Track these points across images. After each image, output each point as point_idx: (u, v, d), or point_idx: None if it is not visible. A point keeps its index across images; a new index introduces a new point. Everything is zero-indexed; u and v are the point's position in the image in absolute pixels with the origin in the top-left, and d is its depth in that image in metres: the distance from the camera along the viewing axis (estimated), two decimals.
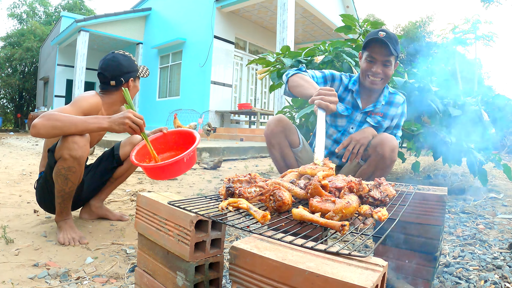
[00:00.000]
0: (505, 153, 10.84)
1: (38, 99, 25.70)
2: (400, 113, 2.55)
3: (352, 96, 2.48)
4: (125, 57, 2.35)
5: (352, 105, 2.49)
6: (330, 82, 2.49)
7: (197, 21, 14.01)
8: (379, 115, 2.49)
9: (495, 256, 2.02)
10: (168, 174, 2.00)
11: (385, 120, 2.50)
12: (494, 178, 5.02)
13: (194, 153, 2.09)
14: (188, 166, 2.05)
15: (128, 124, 1.92)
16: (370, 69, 2.31)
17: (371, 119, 2.48)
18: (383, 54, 2.25)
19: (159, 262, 1.26)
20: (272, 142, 2.40)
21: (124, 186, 3.80)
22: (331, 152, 2.60)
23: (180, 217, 1.12)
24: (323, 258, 0.75)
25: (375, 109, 2.48)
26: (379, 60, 2.28)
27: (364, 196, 1.10)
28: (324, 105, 1.71)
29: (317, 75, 2.44)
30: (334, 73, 2.52)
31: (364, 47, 2.33)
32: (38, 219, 2.51)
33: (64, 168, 1.96)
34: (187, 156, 1.95)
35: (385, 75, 2.32)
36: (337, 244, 1.18)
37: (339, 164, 2.59)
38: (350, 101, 2.49)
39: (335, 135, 2.57)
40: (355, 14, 16.91)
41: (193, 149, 2.01)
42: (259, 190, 1.07)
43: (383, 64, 2.29)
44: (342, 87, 2.51)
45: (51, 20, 30.76)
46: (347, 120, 2.51)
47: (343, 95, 2.51)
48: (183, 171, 2.05)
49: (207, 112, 13.11)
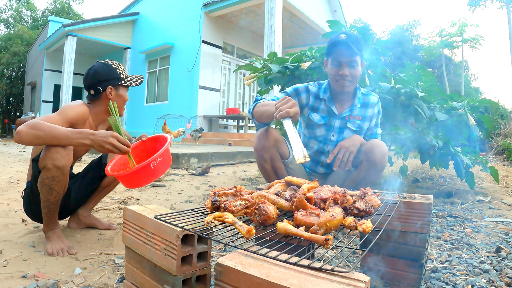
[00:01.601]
0: (492, 155, 10.98)
1: (25, 104, 25.44)
2: (377, 112, 2.59)
3: (326, 104, 2.48)
4: (103, 65, 2.31)
5: (327, 113, 2.49)
6: (295, 98, 2.49)
7: (185, 25, 13.99)
8: (357, 118, 2.50)
9: (482, 260, 2.04)
10: (143, 180, 1.97)
11: (365, 122, 2.53)
12: (481, 180, 5.08)
13: (167, 155, 2.06)
14: (162, 170, 2.03)
15: (109, 149, 1.90)
16: (338, 73, 2.32)
17: (351, 124, 2.49)
18: (347, 55, 2.27)
19: (146, 275, 1.26)
20: (264, 157, 2.37)
21: (113, 194, 3.78)
22: (316, 161, 2.61)
23: (167, 232, 1.12)
24: (306, 274, 0.76)
25: (352, 113, 2.48)
26: (344, 62, 2.29)
27: (348, 207, 1.10)
28: (284, 114, 1.78)
29: (279, 97, 2.37)
30: (297, 87, 2.52)
31: (328, 53, 2.36)
32: (26, 228, 2.49)
33: (48, 178, 1.94)
34: (154, 161, 1.93)
35: (353, 76, 2.33)
36: (328, 253, 1.19)
37: (325, 172, 2.61)
38: (325, 109, 2.49)
39: (316, 146, 2.57)
40: (342, 18, 17.02)
41: (161, 153, 1.98)
42: (245, 204, 1.07)
43: (349, 66, 2.30)
44: (312, 97, 2.51)
45: (38, 25, 30.53)
46: (325, 128, 2.51)
47: (316, 104, 2.51)
48: (157, 176, 2.01)
49: (195, 117, 13.08)
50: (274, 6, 10.60)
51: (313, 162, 2.62)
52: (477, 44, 27.80)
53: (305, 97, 2.51)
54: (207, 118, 13.64)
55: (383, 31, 35.05)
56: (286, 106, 1.82)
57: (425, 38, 31.83)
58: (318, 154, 2.58)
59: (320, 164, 2.60)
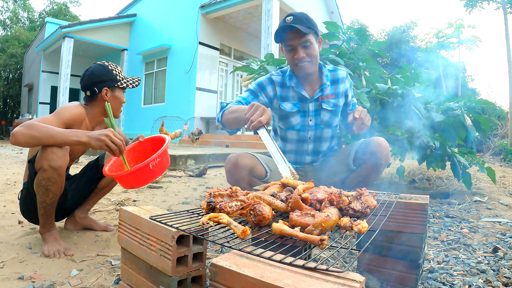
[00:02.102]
0: (489, 156, 11.01)
1: (22, 106, 25.41)
2: (349, 86, 2.51)
3: (295, 90, 2.39)
4: (100, 66, 2.31)
5: (298, 99, 2.40)
6: (261, 93, 2.40)
7: (182, 27, 14.01)
8: (331, 97, 2.42)
9: (479, 260, 2.04)
10: (141, 181, 1.96)
11: (339, 99, 2.44)
12: (478, 181, 5.08)
13: (165, 157, 2.06)
14: (160, 171, 2.02)
15: (105, 142, 1.89)
16: (294, 57, 2.24)
17: (326, 104, 2.40)
18: (297, 38, 2.18)
19: (142, 276, 1.26)
20: (241, 186, 2.22)
21: (109, 195, 3.77)
22: (300, 152, 2.50)
23: (162, 232, 1.11)
24: (301, 274, 0.75)
25: (324, 92, 2.40)
26: (297, 45, 2.20)
27: (344, 208, 1.10)
28: (257, 124, 1.70)
29: (245, 96, 2.37)
30: (260, 82, 2.44)
31: (279, 39, 2.27)
32: (22, 230, 2.48)
33: (44, 179, 1.94)
34: (153, 162, 1.93)
35: (311, 56, 2.24)
36: (323, 253, 1.19)
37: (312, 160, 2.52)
38: (295, 95, 2.41)
39: (296, 136, 2.46)
40: (339, 19, 17.06)
41: (160, 154, 1.97)
42: (240, 205, 1.07)
43: (303, 47, 2.21)
44: (278, 86, 2.42)
45: (35, 26, 30.48)
46: (300, 115, 2.41)
47: (284, 93, 2.42)
48: (155, 176, 2.00)
49: (192, 118, 13.07)
50: (271, 7, 10.63)
51: (297, 154, 2.51)
52: (473, 45, 27.90)
53: (271, 89, 2.42)
54: (204, 120, 13.64)
55: (380, 33, 35.08)
56: (257, 115, 1.72)
57: (422, 39, 31.86)
58: (300, 143, 2.47)
59: (305, 153, 2.49)
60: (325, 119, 2.41)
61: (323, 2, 16.35)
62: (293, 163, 2.52)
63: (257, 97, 2.38)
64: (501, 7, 15.08)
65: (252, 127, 1.71)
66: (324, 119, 2.41)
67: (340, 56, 3.53)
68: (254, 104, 1.76)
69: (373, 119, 3.53)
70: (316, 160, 2.53)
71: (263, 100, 2.39)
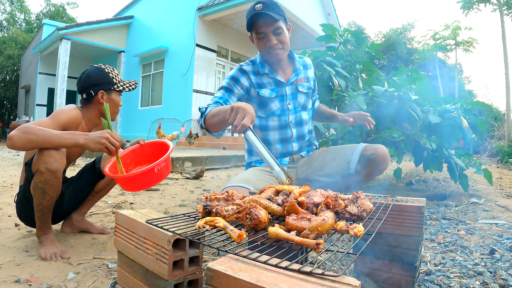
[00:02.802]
0: (486, 157, 11.04)
1: (19, 108, 25.33)
2: (314, 73, 2.60)
3: (269, 76, 2.40)
4: (96, 69, 2.31)
5: (275, 84, 2.41)
6: (236, 87, 2.36)
7: (179, 29, 14.00)
8: (304, 81, 2.47)
9: (476, 262, 2.04)
10: (142, 184, 1.97)
11: (310, 83, 2.52)
12: (475, 183, 5.09)
13: (168, 162, 2.07)
14: (163, 176, 2.03)
15: (105, 144, 1.89)
16: (266, 44, 2.25)
17: (301, 87, 2.44)
18: (268, 25, 2.18)
19: (138, 280, 1.26)
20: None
21: (106, 198, 3.76)
22: (286, 139, 2.47)
23: (158, 236, 1.11)
24: (296, 278, 0.75)
25: (298, 76, 2.44)
26: (269, 32, 2.21)
27: (340, 212, 1.10)
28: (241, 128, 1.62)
29: (220, 95, 2.31)
30: (232, 75, 2.40)
31: (250, 27, 2.26)
32: (19, 233, 2.47)
33: (41, 182, 1.94)
34: (158, 166, 1.93)
35: (283, 42, 2.26)
36: (320, 257, 1.19)
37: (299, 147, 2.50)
38: (271, 81, 2.41)
39: (277, 122, 2.44)
40: (336, 21, 17.08)
41: (165, 159, 1.98)
42: (236, 208, 1.07)
43: (275, 34, 2.22)
44: (252, 75, 2.40)
45: (32, 28, 30.43)
46: (279, 100, 2.41)
47: (259, 80, 2.40)
48: (157, 181, 2.01)
49: (189, 121, 13.06)
50: None
51: (283, 143, 2.48)
52: (470, 47, 27.97)
53: (245, 79, 2.38)
54: None
55: (377, 34, 35.17)
56: (239, 119, 1.63)
57: (419, 41, 31.96)
58: (283, 130, 2.45)
59: (291, 139, 2.47)
60: (301, 102, 2.46)
61: (320, 4, 16.39)
62: (280, 153, 2.49)
63: (232, 92, 2.33)
64: (498, 9, 15.12)
65: (238, 132, 1.66)
66: (301, 102, 2.46)
67: (337, 58, 3.54)
68: (234, 107, 1.68)
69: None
70: (302, 147, 2.52)
71: (239, 93, 2.35)
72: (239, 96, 2.36)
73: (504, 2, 14.92)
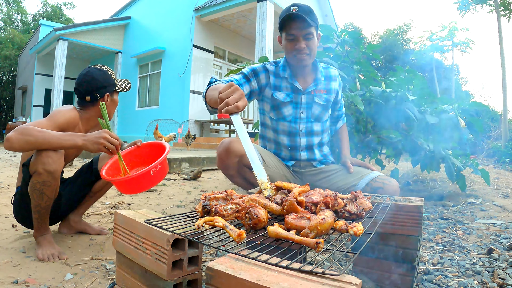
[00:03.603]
0: (483, 157, 11.07)
1: (16, 109, 25.24)
2: (339, 85, 2.53)
3: (288, 82, 2.38)
4: (100, 71, 2.31)
5: (292, 90, 2.39)
6: (254, 79, 2.37)
7: (176, 30, 13.98)
8: (323, 92, 2.42)
9: (474, 262, 2.04)
10: (139, 187, 1.97)
11: (331, 95, 2.46)
12: (472, 183, 5.11)
13: (165, 164, 2.06)
14: (160, 178, 2.02)
15: (104, 144, 1.89)
16: (294, 47, 2.23)
17: (318, 98, 2.40)
18: (301, 28, 2.17)
19: (137, 280, 1.25)
20: (230, 174, 2.26)
21: (104, 198, 3.75)
22: (294, 147, 2.45)
23: (157, 236, 1.11)
24: (297, 277, 0.75)
25: (318, 86, 2.40)
26: (299, 36, 2.19)
27: (339, 211, 1.10)
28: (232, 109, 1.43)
29: (237, 78, 2.30)
30: (254, 67, 2.39)
31: (281, 28, 2.24)
32: (16, 234, 2.46)
33: (39, 183, 1.93)
34: (154, 168, 1.93)
35: (310, 49, 2.24)
36: (319, 256, 1.19)
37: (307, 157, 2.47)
38: (288, 86, 2.39)
39: (287, 128, 2.42)
40: (333, 22, 17.09)
41: (161, 161, 1.98)
42: (235, 208, 1.07)
43: (305, 38, 2.20)
44: (272, 75, 2.40)
45: (29, 29, 30.36)
46: (292, 106, 2.39)
47: (277, 82, 2.39)
48: (154, 183, 2.01)
49: (186, 121, 13.05)
50: (266, 10, 10.65)
51: (291, 150, 2.46)
52: (467, 48, 28.08)
53: (264, 76, 2.39)
54: (198, 123, 13.61)
55: (374, 36, 35.26)
56: (233, 99, 1.46)
57: (416, 42, 32.05)
58: (292, 137, 2.44)
59: (299, 148, 2.45)
60: (316, 113, 2.42)
61: (317, 5, 16.38)
62: (288, 158, 2.49)
63: (248, 82, 2.34)
64: (494, 10, 15.19)
65: (226, 111, 1.44)
66: (315, 113, 2.41)
67: (334, 59, 3.54)
68: (233, 85, 1.51)
69: (367, 122, 3.55)
70: (311, 157, 2.48)
71: (254, 86, 2.36)
72: (253, 89, 2.36)
73: (500, 3, 14.98)
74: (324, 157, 2.54)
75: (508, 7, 15.45)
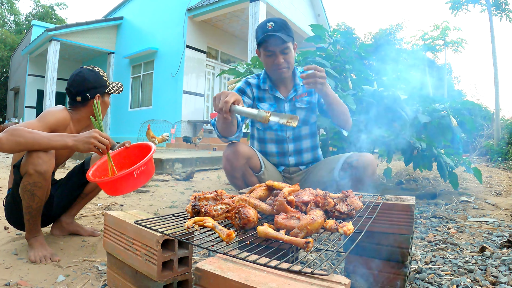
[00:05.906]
0: (475, 156, 11.13)
1: (8, 110, 25.09)
2: None
3: (269, 93, 2.49)
4: (91, 72, 2.30)
5: (274, 100, 2.49)
6: (244, 96, 2.47)
7: (169, 30, 13.95)
8: (304, 95, 2.50)
9: (466, 260, 2.05)
10: (124, 188, 1.95)
11: (312, 96, 2.53)
12: (465, 181, 5.13)
13: (150, 165, 2.05)
14: (145, 179, 2.01)
15: (94, 144, 1.88)
16: (273, 62, 2.32)
17: (300, 103, 2.48)
18: (279, 44, 2.25)
19: (128, 282, 1.24)
20: (235, 175, 2.32)
21: (96, 200, 3.73)
22: (283, 153, 2.54)
23: (147, 237, 1.10)
24: (285, 277, 0.75)
25: (298, 92, 2.49)
26: (277, 51, 2.28)
27: (330, 210, 1.10)
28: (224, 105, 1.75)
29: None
30: (239, 87, 2.51)
31: (259, 44, 2.33)
32: (8, 236, 2.45)
33: (30, 184, 1.92)
34: (137, 170, 1.92)
35: (288, 62, 2.33)
36: (309, 256, 1.19)
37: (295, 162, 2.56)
38: (270, 97, 2.49)
39: (274, 135, 2.53)
40: (326, 22, 17.10)
41: (145, 162, 1.96)
42: (225, 208, 1.07)
43: (283, 53, 2.29)
44: (255, 88, 2.51)
45: (21, 29, 30.18)
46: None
47: (260, 94, 2.51)
48: (139, 184, 1.99)
49: (179, 122, 13.02)
50: (258, 10, 10.65)
51: (280, 157, 2.56)
52: (459, 47, 28.17)
53: (250, 91, 2.50)
54: (191, 123, 13.58)
55: (366, 35, 35.33)
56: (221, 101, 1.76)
57: (408, 42, 32.11)
58: (280, 144, 2.54)
59: (288, 153, 2.54)
60: (301, 117, 2.49)
61: (309, 5, 16.39)
62: (277, 164, 2.58)
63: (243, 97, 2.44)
64: (486, 10, 15.28)
65: (225, 112, 1.74)
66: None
67: (326, 58, 3.54)
68: (215, 97, 1.80)
69: (360, 122, 3.55)
70: (299, 161, 2.57)
71: (247, 102, 2.45)
72: (248, 105, 2.45)
73: (492, 2, 15.08)
74: (314, 160, 2.61)
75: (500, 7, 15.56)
